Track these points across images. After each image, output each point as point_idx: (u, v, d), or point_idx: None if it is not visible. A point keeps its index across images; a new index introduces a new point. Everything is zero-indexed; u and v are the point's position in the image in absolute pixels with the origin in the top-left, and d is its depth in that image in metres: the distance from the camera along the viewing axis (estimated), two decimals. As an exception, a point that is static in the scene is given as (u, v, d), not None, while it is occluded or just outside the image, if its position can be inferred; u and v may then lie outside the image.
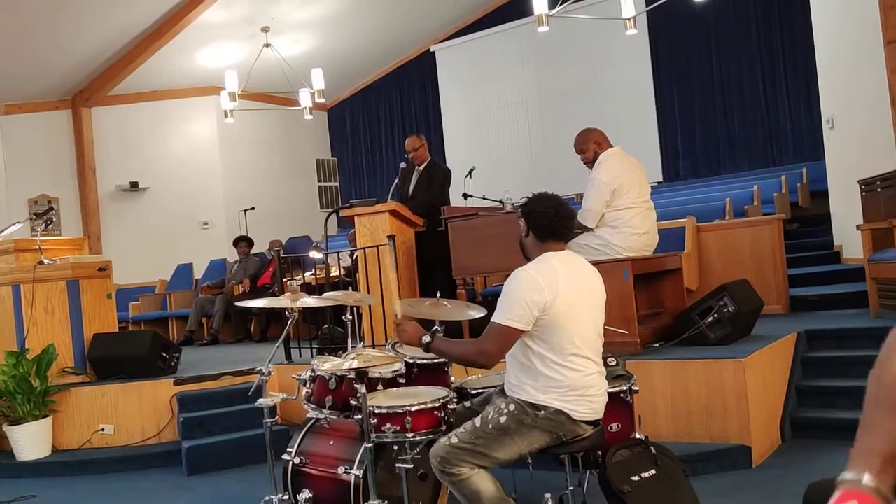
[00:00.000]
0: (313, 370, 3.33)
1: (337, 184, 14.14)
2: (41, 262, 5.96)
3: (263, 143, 12.88)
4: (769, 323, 5.29)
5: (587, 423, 2.86)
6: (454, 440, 2.82)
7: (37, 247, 6.10)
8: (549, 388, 2.80)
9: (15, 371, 5.41)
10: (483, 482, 2.77)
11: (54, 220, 10.98)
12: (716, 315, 4.61)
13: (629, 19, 7.04)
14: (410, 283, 5.58)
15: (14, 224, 6.72)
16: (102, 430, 5.63)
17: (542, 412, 2.79)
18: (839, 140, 7.29)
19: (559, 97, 11.76)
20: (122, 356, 5.87)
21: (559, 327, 2.79)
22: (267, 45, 10.79)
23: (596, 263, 4.47)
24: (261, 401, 3.46)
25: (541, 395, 2.80)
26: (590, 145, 4.83)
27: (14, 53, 9.94)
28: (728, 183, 9.41)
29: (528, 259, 2.98)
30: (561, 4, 6.81)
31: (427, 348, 2.92)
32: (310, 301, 3.54)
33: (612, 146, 4.81)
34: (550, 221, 2.91)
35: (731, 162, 10.57)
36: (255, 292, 8.91)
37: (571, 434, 2.84)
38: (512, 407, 2.82)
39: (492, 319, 2.83)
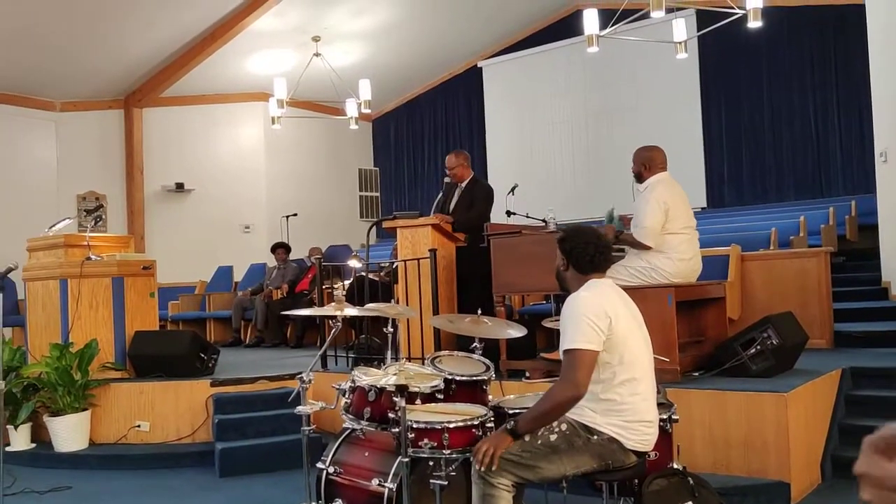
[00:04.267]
0: (353, 381, 3.34)
1: (378, 194, 14.22)
2: (89, 258, 6.08)
3: (308, 151, 13.02)
4: (813, 357, 5.17)
5: (637, 453, 2.84)
6: None
7: (85, 243, 6.23)
8: (609, 411, 2.78)
9: (58, 363, 5.53)
10: None
11: (103, 217, 11.23)
12: (759, 347, 4.53)
13: (680, 43, 7.02)
14: (449, 299, 5.58)
15: (64, 219, 6.87)
16: (139, 426, 5.71)
17: (595, 437, 2.78)
18: (892, 174, 7.14)
19: (605, 118, 11.70)
20: (161, 354, 5.95)
21: (620, 350, 2.78)
22: (317, 55, 10.91)
23: (640, 288, 4.50)
24: (300, 408, 3.48)
25: (599, 419, 2.78)
26: (640, 163, 4.80)
27: (72, 54, 10.21)
28: (774, 212, 9.27)
29: (565, 290, 2.96)
30: (612, 25, 6.79)
31: (516, 434, 2.79)
32: (354, 311, 3.56)
33: (664, 170, 4.77)
34: (592, 257, 2.92)
35: (778, 190, 10.40)
36: (293, 298, 8.99)
37: (619, 463, 2.82)
38: (564, 426, 2.80)
39: (562, 350, 2.78)
